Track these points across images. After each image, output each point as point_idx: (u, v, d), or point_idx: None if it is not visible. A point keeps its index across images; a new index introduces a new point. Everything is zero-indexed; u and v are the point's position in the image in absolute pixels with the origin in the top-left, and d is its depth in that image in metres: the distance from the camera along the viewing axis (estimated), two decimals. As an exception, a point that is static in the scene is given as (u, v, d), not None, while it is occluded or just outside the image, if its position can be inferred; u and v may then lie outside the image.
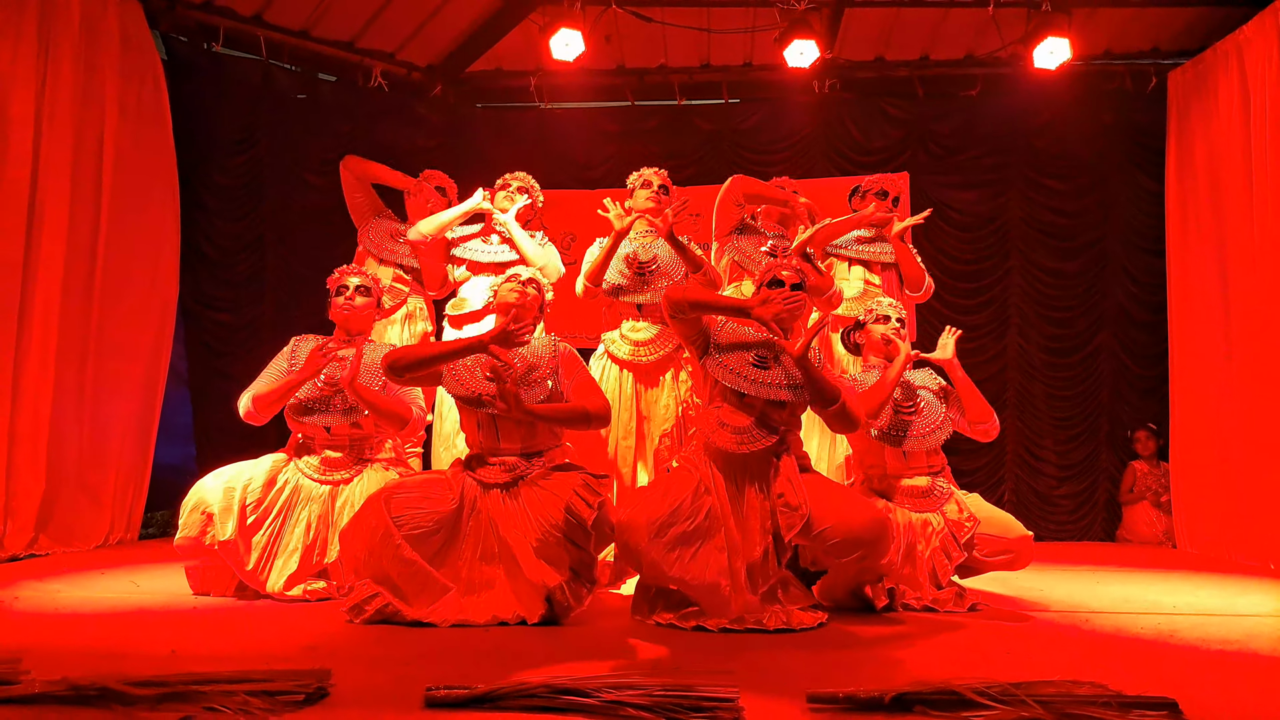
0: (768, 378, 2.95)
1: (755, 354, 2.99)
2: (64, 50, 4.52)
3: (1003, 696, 1.79)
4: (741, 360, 2.98)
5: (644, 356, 3.77)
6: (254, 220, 5.78)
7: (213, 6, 5.41)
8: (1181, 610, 3.13)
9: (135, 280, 4.96)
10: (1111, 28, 5.72)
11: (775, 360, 2.99)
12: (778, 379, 2.95)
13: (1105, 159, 6.04)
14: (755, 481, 2.91)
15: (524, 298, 3.21)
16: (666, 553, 2.70)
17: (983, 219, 6.07)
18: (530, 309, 3.22)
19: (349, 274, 3.62)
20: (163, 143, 5.15)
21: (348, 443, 3.41)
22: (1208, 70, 5.32)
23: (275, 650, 2.38)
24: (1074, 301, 6.02)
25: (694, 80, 6.27)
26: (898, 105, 6.15)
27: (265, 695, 1.77)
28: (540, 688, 1.82)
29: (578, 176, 6.20)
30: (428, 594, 2.82)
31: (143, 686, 1.79)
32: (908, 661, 2.33)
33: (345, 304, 3.53)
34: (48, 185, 4.44)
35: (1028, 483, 5.96)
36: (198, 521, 3.16)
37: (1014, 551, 3.28)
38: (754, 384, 2.93)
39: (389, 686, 1.98)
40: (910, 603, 3.11)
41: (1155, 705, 1.78)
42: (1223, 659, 2.39)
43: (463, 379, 3.07)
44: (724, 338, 3.04)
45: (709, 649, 2.48)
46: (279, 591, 3.16)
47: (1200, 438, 5.25)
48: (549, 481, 2.97)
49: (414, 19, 5.73)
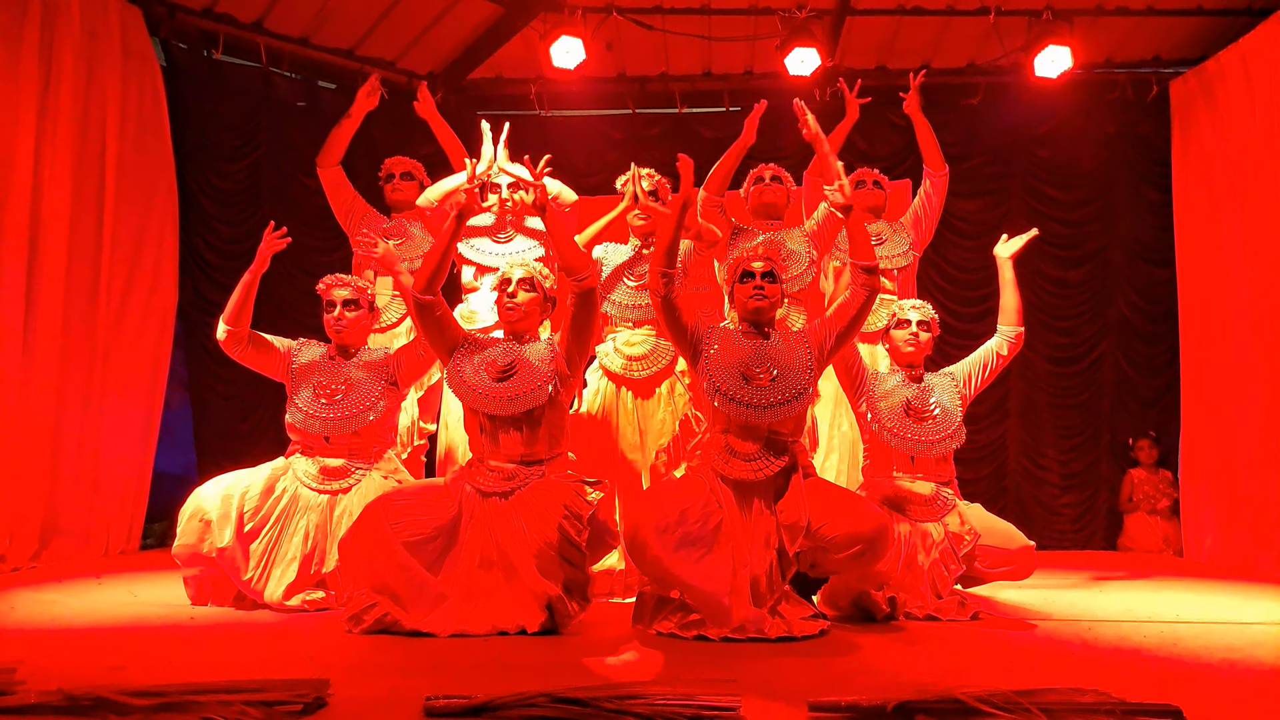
0: (768, 397, 2.90)
1: (749, 369, 2.95)
2: (65, 56, 4.52)
3: (1006, 704, 1.77)
4: (737, 380, 2.93)
5: (637, 372, 3.74)
6: (253, 226, 5.74)
7: (213, 13, 5.42)
8: (1185, 619, 3.11)
9: (136, 287, 4.96)
10: (1113, 36, 5.73)
11: (769, 370, 2.95)
12: (777, 395, 2.90)
13: (1107, 168, 6.04)
14: (762, 497, 2.89)
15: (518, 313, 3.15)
16: (673, 551, 2.70)
17: (986, 227, 6.05)
18: (531, 313, 3.18)
19: (335, 287, 3.49)
20: (163, 149, 5.15)
21: (346, 452, 3.40)
22: (1211, 79, 5.31)
23: (273, 660, 2.37)
24: (1077, 311, 6.01)
25: (695, 88, 6.28)
26: (900, 113, 6.15)
27: (263, 705, 1.75)
28: (540, 697, 1.81)
29: (579, 184, 6.13)
30: (426, 601, 2.81)
31: (139, 696, 1.77)
32: (910, 670, 2.31)
33: (335, 323, 3.46)
34: (49, 191, 4.43)
35: (1030, 492, 5.94)
36: (195, 529, 3.14)
37: (1016, 563, 3.27)
38: (758, 410, 2.89)
39: (388, 696, 1.96)
40: (912, 611, 3.09)
41: (1159, 713, 1.77)
42: (1227, 668, 2.37)
43: (469, 383, 3.05)
44: (716, 353, 2.99)
45: (710, 658, 2.46)
46: (277, 601, 3.14)
47: (1210, 447, 5.23)
48: (545, 490, 2.95)
49: (415, 27, 5.74)
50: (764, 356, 2.98)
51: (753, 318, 3.05)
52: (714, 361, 2.98)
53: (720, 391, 2.91)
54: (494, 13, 5.66)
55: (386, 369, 3.47)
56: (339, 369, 3.45)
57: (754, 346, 3.00)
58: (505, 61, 6.12)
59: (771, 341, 3.02)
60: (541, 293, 3.20)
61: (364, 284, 3.57)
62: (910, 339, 3.42)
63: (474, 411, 3.07)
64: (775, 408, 2.89)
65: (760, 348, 3.00)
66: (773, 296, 3.03)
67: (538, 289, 3.18)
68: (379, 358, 3.50)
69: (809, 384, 2.95)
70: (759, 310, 3.02)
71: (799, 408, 2.93)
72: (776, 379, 2.93)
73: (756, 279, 3.01)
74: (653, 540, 2.70)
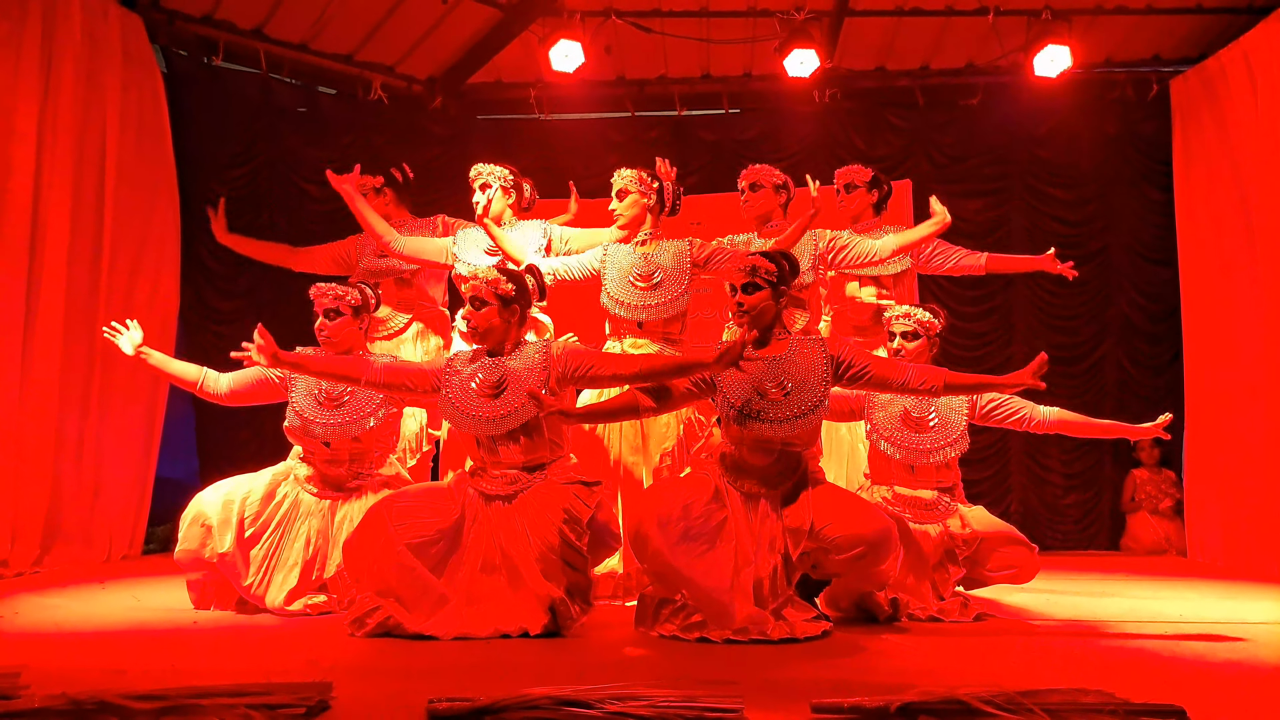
0: (782, 411, 2.86)
1: (763, 384, 2.90)
2: (66, 63, 4.53)
3: (1009, 705, 1.77)
4: (752, 396, 2.88)
5: None
6: (254, 232, 5.75)
7: (213, 20, 5.44)
8: (1189, 619, 3.11)
9: (137, 293, 4.97)
10: (1112, 36, 5.73)
11: (783, 385, 2.90)
12: (792, 410, 2.86)
13: (1108, 167, 6.03)
14: (769, 500, 2.89)
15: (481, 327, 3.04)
16: (674, 545, 2.70)
17: (986, 228, 6.06)
18: (494, 325, 3.04)
19: (318, 296, 3.45)
20: (163, 155, 5.17)
21: (347, 457, 3.39)
22: (1212, 77, 5.31)
23: (276, 663, 2.37)
24: (1078, 311, 6.00)
25: (694, 91, 6.29)
26: (899, 114, 6.16)
27: (266, 709, 1.75)
28: (543, 699, 1.80)
29: (578, 188, 6.20)
30: (428, 603, 2.80)
31: (142, 700, 1.77)
32: (913, 671, 2.31)
33: (319, 332, 3.43)
34: (50, 198, 4.45)
35: (1034, 493, 5.94)
36: (197, 534, 3.14)
37: (1018, 566, 3.27)
38: (773, 425, 2.85)
39: (390, 699, 1.96)
40: (915, 613, 3.08)
41: (1163, 713, 1.76)
42: (1231, 668, 2.36)
43: (460, 407, 3.01)
44: (723, 380, 2.94)
45: (713, 659, 2.46)
46: (279, 606, 3.14)
47: (1214, 446, 5.22)
48: (547, 494, 2.93)
49: (414, 32, 5.75)
50: (777, 370, 2.92)
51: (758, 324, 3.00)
52: (728, 379, 2.94)
53: (735, 408, 2.87)
54: (493, 17, 5.67)
55: None
56: None
57: (767, 360, 2.96)
58: (504, 66, 6.13)
59: (786, 354, 2.97)
60: (498, 302, 3.04)
61: (344, 290, 3.46)
62: (896, 351, 3.42)
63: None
64: (791, 421, 2.85)
65: (773, 362, 2.95)
66: (753, 306, 2.96)
67: (493, 299, 3.04)
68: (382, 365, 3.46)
69: (824, 396, 2.89)
70: (744, 322, 2.97)
71: (815, 420, 2.90)
72: (790, 393, 2.88)
73: (738, 294, 2.97)
74: (654, 533, 2.70)
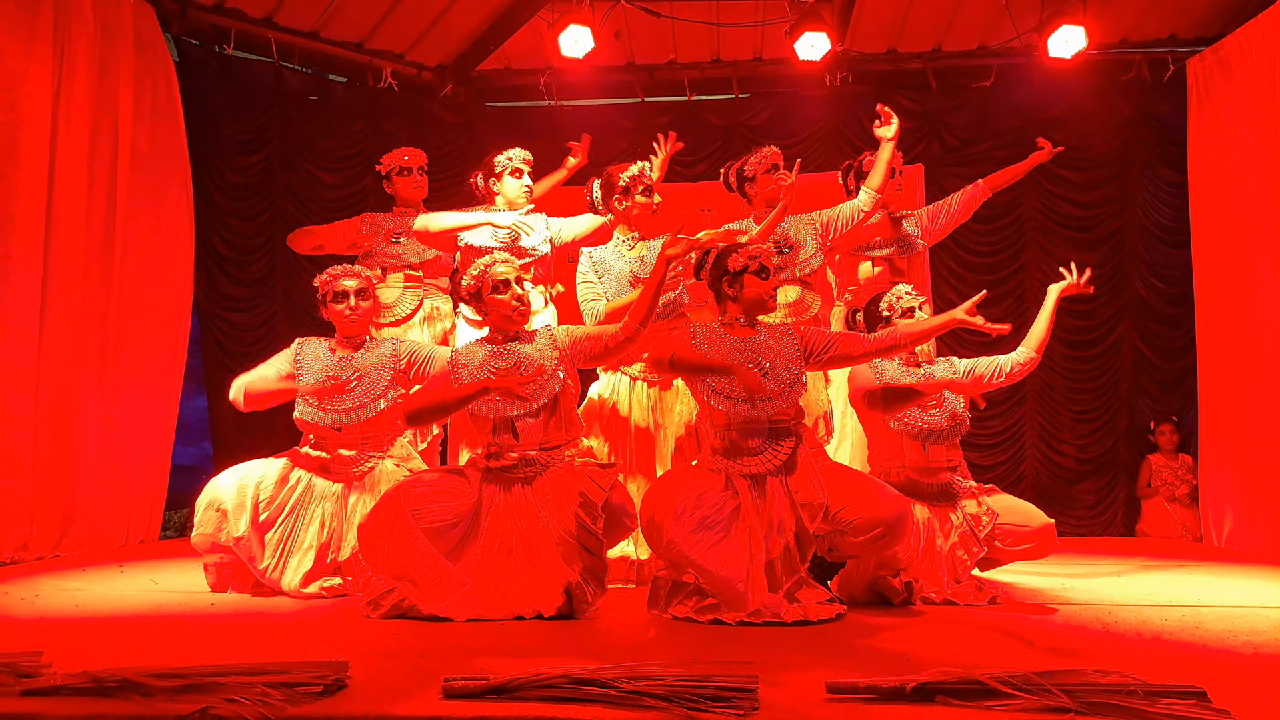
0: (763, 390, 2.91)
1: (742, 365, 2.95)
2: (79, 53, 4.55)
3: (1027, 686, 1.76)
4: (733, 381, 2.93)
5: (655, 374, 3.69)
6: (267, 220, 5.81)
7: (224, 9, 5.44)
8: (1206, 602, 3.09)
9: (151, 281, 4.99)
10: (1127, 15, 5.66)
11: (760, 365, 2.97)
12: (772, 388, 2.93)
13: (1123, 149, 5.97)
14: (775, 478, 2.90)
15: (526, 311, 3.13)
16: (689, 534, 2.71)
17: (999, 211, 6.00)
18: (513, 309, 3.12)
19: (344, 277, 3.46)
20: (176, 144, 5.18)
21: (359, 441, 3.41)
22: (1229, 57, 5.24)
23: (293, 645, 2.39)
24: (1093, 293, 5.94)
25: (705, 75, 6.25)
26: (911, 97, 6.11)
27: (283, 687, 1.76)
28: (558, 678, 1.81)
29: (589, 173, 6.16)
30: (444, 588, 2.82)
31: (162, 678, 1.79)
32: (927, 652, 2.30)
33: (351, 313, 3.44)
34: (64, 186, 4.47)
35: (1047, 477, 5.90)
36: (213, 519, 3.17)
37: (1036, 541, 3.25)
38: (756, 404, 2.90)
39: (406, 678, 1.97)
40: (929, 596, 3.07)
41: (1183, 694, 1.74)
42: (1251, 651, 2.34)
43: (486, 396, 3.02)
44: (706, 353, 2.97)
45: (727, 641, 2.46)
46: (295, 589, 3.17)
47: (1229, 431, 5.17)
48: (564, 476, 2.96)
49: (423, 19, 5.74)
50: (753, 351, 3.00)
51: (758, 311, 3.06)
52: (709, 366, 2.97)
53: (716, 392, 2.93)
54: (502, 3, 5.65)
55: (396, 359, 3.45)
56: (347, 361, 3.45)
57: (742, 343, 3.03)
58: (514, 52, 6.11)
59: (758, 336, 3.05)
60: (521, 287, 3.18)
61: (368, 272, 3.57)
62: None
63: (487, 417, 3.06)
64: (772, 399, 2.93)
65: (748, 342, 3.02)
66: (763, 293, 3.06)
67: (521, 285, 3.16)
68: (388, 350, 3.48)
69: (800, 373, 3.00)
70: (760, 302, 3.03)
71: (794, 396, 2.98)
72: (769, 372, 2.96)
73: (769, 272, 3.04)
74: (669, 523, 2.71)
